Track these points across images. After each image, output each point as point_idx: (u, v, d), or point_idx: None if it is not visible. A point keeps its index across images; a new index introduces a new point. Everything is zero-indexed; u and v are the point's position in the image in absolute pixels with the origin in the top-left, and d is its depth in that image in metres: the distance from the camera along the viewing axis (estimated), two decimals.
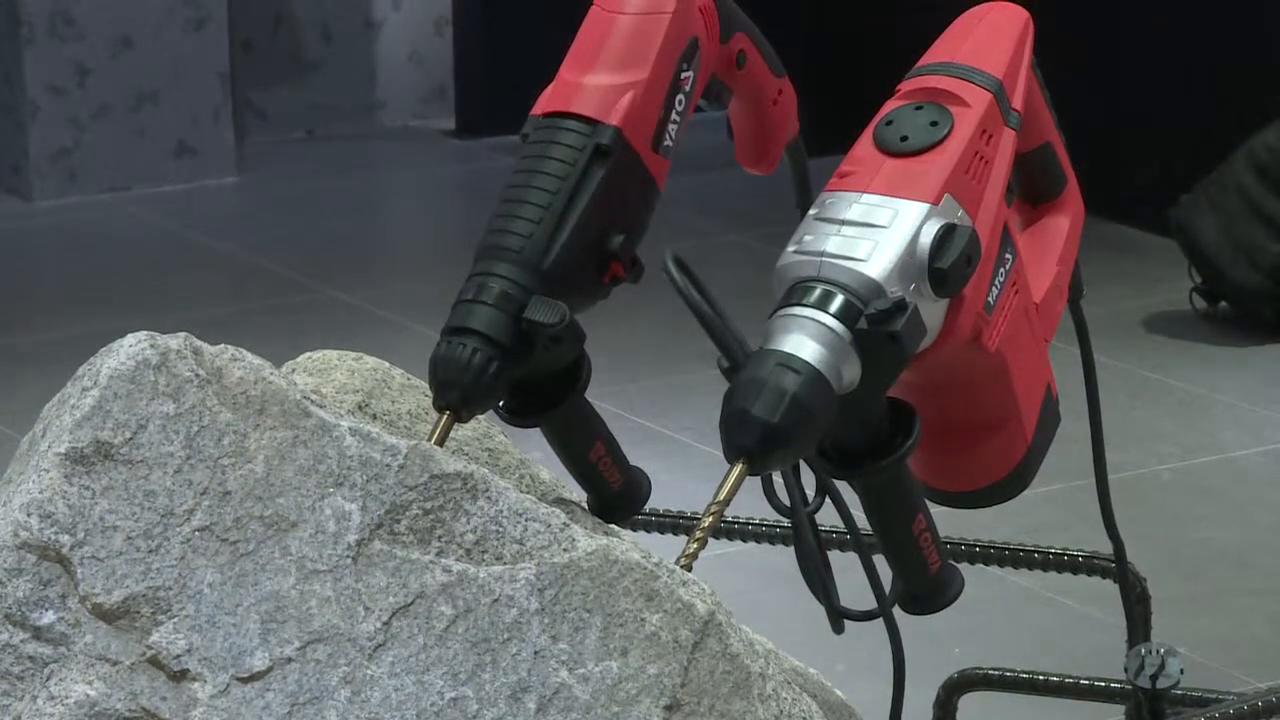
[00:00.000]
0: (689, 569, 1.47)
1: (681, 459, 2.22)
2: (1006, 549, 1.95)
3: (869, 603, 1.60)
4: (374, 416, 1.61)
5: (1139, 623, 1.86)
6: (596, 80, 1.60)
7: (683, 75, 1.62)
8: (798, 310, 1.49)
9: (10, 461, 1.46)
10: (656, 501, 1.72)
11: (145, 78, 5.77)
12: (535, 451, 1.67)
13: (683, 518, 1.91)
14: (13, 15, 5.66)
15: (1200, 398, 4.57)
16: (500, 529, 1.41)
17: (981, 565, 1.92)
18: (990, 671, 2.01)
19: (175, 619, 1.36)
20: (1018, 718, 2.13)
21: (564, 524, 1.42)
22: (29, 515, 1.38)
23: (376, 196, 6.02)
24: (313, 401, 1.44)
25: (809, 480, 1.55)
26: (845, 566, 1.59)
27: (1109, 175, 1.80)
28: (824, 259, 1.50)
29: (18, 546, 1.38)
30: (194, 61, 5.80)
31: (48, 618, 1.37)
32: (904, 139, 1.55)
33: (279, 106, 6.12)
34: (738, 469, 1.48)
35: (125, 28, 5.73)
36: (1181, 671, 1.74)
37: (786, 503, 1.55)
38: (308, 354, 1.68)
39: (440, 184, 5.99)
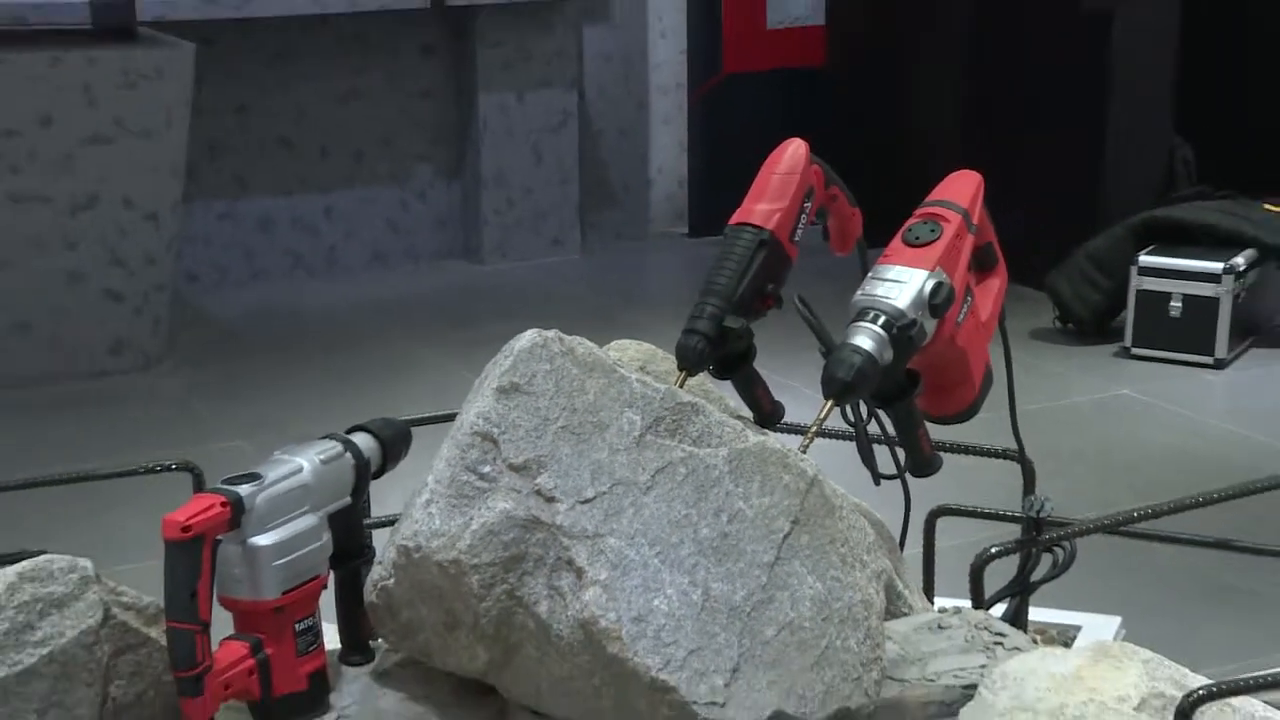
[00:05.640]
0: (805, 453, 1.45)
1: (800, 397, 2.18)
2: (964, 445, 1.91)
3: (892, 470, 1.57)
4: (648, 373, 1.59)
5: (1029, 484, 1.82)
6: (762, 206, 1.58)
7: (806, 204, 1.60)
8: (861, 323, 1.47)
9: (468, 392, 1.46)
10: (789, 418, 1.69)
11: (539, 209, 5.82)
12: (727, 391, 1.64)
13: (801, 427, 1.87)
14: (476, 175, 5.73)
15: (1058, 374, 4.50)
16: (709, 430, 1.39)
17: (949, 454, 1.87)
18: (953, 505, 1.96)
19: (548, 472, 1.35)
20: (967, 531, 2.07)
21: (742, 429, 1.40)
22: (478, 418, 1.38)
23: (646, 267, 6.02)
24: (618, 365, 1.42)
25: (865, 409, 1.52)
26: (881, 453, 1.56)
27: (1015, 256, 1.75)
28: (876, 298, 1.48)
29: (472, 433, 1.37)
30: (561, 202, 5.84)
31: (486, 469, 1.36)
32: (916, 238, 1.53)
33: (601, 221, 6.14)
34: (829, 404, 1.46)
35: (529, 183, 5.78)
36: (1052, 509, 1.69)
37: (853, 419, 1.52)
38: (615, 341, 1.67)
39: (679, 261, 5.98)
